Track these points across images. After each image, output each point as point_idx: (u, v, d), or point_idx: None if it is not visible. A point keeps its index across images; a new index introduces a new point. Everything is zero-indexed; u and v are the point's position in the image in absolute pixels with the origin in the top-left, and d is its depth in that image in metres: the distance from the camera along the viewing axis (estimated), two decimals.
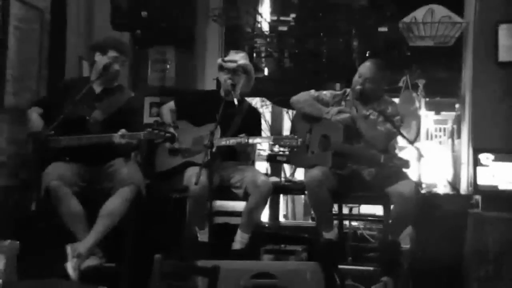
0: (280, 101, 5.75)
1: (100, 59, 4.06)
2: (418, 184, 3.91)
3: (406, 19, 5.04)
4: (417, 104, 5.10)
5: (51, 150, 3.85)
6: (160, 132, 3.80)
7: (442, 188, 4.88)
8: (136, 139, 3.83)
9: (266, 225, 4.86)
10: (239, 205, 4.10)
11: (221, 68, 4.29)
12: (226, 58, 4.30)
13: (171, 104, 4.39)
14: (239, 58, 4.28)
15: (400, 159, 3.84)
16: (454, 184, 4.80)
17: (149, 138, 3.83)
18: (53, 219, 3.77)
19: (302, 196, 6.00)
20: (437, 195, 4.56)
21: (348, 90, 4.32)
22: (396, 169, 3.91)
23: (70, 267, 3.62)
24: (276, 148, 4.70)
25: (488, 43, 4.77)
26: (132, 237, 3.92)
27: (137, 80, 4.98)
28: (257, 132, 4.32)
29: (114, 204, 3.79)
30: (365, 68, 4.17)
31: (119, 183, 3.83)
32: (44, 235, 3.86)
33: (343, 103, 4.29)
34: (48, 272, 3.40)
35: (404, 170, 3.92)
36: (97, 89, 4.10)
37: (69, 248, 3.68)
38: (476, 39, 4.88)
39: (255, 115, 4.46)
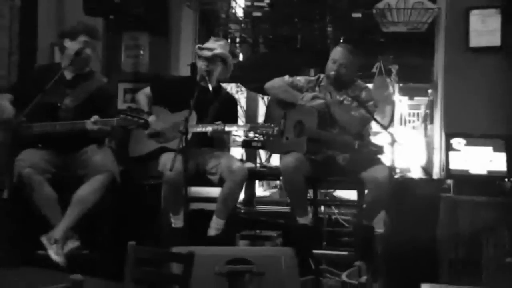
0: (255, 87, 5.74)
1: (71, 45, 4.01)
2: (392, 169, 3.95)
3: (380, 5, 5.06)
4: (391, 90, 5.14)
5: (24, 137, 3.82)
6: (133, 119, 3.78)
7: (416, 173, 4.93)
8: (109, 125, 3.80)
9: (242, 211, 4.87)
10: (214, 191, 4.09)
11: (199, 56, 4.26)
12: (204, 46, 4.25)
13: (147, 90, 4.36)
14: (216, 46, 4.23)
15: (375, 145, 3.88)
16: (427, 168, 4.85)
17: (122, 124, 3.81)
18: (25, 206, 3.75)
19: (278, 182, 6.02)
20: (410, 179, 4.60)
21: (322, 75, 4.33)
22: (370, 154, 3.94)
23: (53, 253, 3.63)
24: (251, 134, 4.70)
25: (460, 28, 4.81)
26: (107, 224, 3.91)
27: (111, 66, 4.93)
28: (234, 119, 4.31)
29: (87, 191, 3.77)
30: (338, 53, 4.18)
31: (93, 170, 3.81)
32: (17, 222, 3.83)
33: (317, 88, 4.30)
34: (21, 260, 3.39)
35: (378, 155, 3.95)
36: (69, 75, 4.06)
37: (44, 239, 3.67)
38: (448, 25, 4.92)
39: (232, 103, 4.44)
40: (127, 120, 3.79)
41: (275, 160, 5.04)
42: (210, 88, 4.08)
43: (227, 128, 3.96)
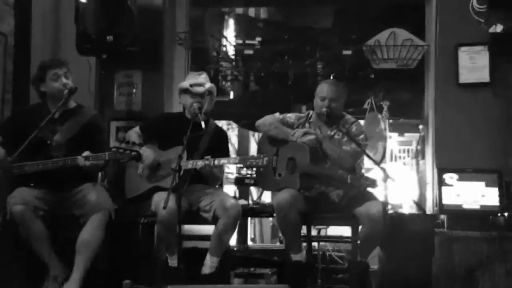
0: (246, 124, 5.76)
1: (47, 86, 4.00)
2: (386, 205, 3.94)
3: (370, 42, 5.14)
4: (382, 126, 5.17)
5: (16, 177, 3.79)
6: (125, 152, 3.76)
7: (408, 208, 4.94)
8: (101, 160, 3.78)
9: (235, 249, 4.83)
10: (207, 229, 4.07)
11: (185, 91, 4.26)
12: (192, 82, 4.27)
13: (137, 129, 4.35)
14: (204, 80, 4.27)
15: (367, 178, 3.86)
16: (420, 204, 4.86)
17: (114, 158, 3.78)
18: (18, 244, 3.71)
19: (270, 218, 5.99)
20: (403, 215, 4.60)
21: (312, 112, 4.35)
22: (363, 190, 3.94)
23: None
24: (243, 171, 4.69)
25: (449, 65, 4.89)
26: (101, 263, 3.86)
27: (104, 104, 4.93)
28: (225, 153, 4.31)
29: (88, 233, 3.75)
30: (326, 90, 4.20)
31: (89, 210, 3.78)
32: (8, 259, 3.79)
33: (307, 125, 4.32)
34: None
35: (372, 190, 3.95)
36: (56, 113, 4.04)
37: None
38: (437, 62, 4.99)
39: (222, 136, 4.44)
40: (118, 153, 3.76)
41: (267, 197, 5.03)
42: (203, 124, 4.07)
43: (216, 162, 3.94)
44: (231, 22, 6.71)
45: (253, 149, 6.73)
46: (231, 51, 6.05)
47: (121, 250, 4.03)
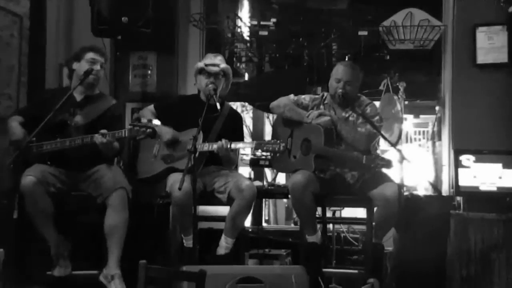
0: (261, 105, 5.75)
1: (78, 66, 4.04)
2: (401, 187, 3.92)
3: (386, 23, 5.09)
4: (398, 107, 5.12)
5: (34, 157, 3.82)
6: (140, 128, 3.77)
7: (423, 190, 4.92)
8: (117, 137, 3.79)
9: (250, 230, 4.85)
10: (222, 210, 4.08)
11: (201, 71, 4.24)
12: (207, 62, 4.26)
13: (151, 107, 4.36)
14: (219, 61, 4.26)
15: (383, 159, 3.84)
16: (436, 186, 4.84)
17: (130, 135, 3.78)
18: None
19: (285, 200, 5.99)
20: (419, 197, 4.58)
21: (327, 93, 4.32)
22: (378, 171, 3.93)
23: None
24: (258, 153, 4.69)
25: (467, 45, 4.85)
26: None
27: (118, 86, 4.95)
28: (239, 135, 4.31)
29: (112, 215, 3.76)
30: (342, 71, 4.17)
31: (106, 190, 3.80)
32: (27, 242, 3.82)
33: (321, 106, 4.29)
34: (32, 280, 3.37)
35: (387, 171, 3.94)
36: (79, 97, 4.08)
37: (102, 278, 3.71)
38: (454, 42, 4.95)
39: (237, 118, 4.43)
40: (134, 131, 3.76)
41: (281, 178, 5.03)
42: (218, 106, 4.07)
43: (233, 146, 3.94)
44: (245, 3, 6.67)
45: (267, 131, 6.70)
46: (245, 32, 6.01)
47: (136, 231, 4.05)
